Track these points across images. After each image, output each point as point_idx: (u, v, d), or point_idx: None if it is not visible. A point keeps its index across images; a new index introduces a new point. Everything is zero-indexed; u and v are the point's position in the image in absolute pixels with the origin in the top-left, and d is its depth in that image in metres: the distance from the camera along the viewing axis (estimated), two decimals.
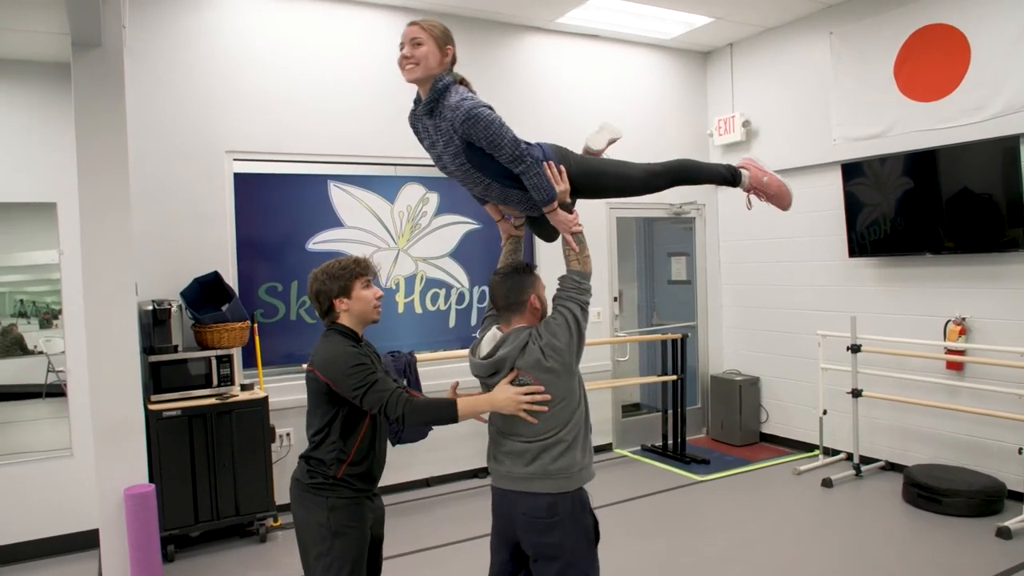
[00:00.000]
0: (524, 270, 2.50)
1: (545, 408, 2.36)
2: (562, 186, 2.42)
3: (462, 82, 2.43)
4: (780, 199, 2.88)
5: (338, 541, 2.50)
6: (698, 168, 2.88)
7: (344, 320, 2.59)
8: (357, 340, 2.57)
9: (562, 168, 2.44)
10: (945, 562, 4.00)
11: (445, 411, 2.44)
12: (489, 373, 2.44)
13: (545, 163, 2.40)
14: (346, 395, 2.42)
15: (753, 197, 2.95)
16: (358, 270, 2.60)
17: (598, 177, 2.59)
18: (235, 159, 4.94)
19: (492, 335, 2.47)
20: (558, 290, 2.47)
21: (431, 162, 2.59)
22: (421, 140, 2.52)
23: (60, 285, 4.51)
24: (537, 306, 2.47)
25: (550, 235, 2.68)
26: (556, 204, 2.42)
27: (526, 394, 2.36)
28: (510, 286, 2.46)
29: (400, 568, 4.15)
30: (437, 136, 2.39)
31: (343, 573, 2.49)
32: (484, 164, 2.37)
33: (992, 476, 4.83)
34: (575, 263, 2.46)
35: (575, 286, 2.42)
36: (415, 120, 2.51)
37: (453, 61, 2.43)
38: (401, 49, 2.37)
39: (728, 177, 2.83)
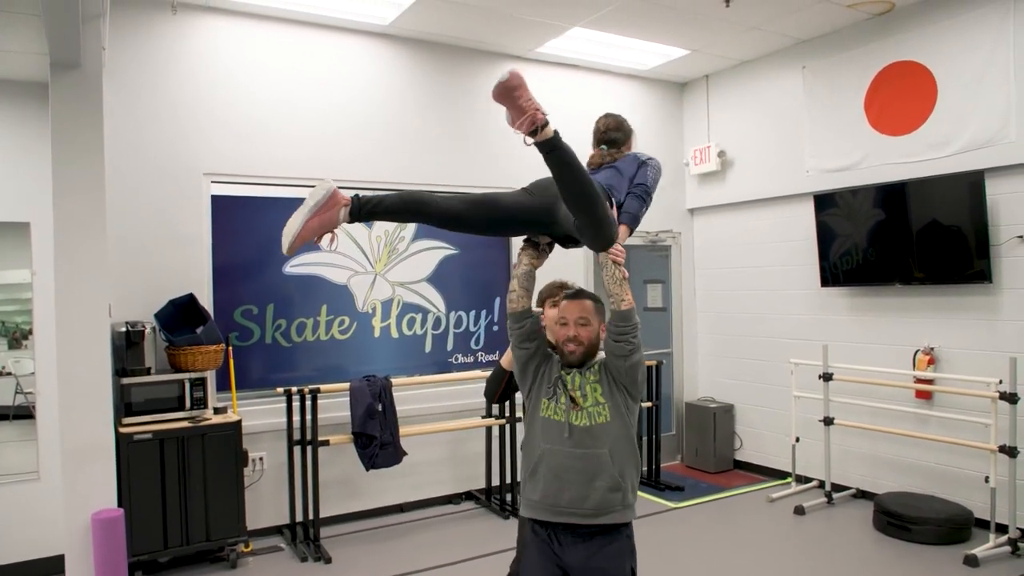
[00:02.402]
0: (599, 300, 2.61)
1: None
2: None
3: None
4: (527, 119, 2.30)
5: None
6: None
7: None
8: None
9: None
10: None
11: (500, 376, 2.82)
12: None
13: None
14: None
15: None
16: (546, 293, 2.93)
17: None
18: (213, 181, 4.93)
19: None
20: (611, 335, 2.49)
21: (409, 187, 2.62)
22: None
23: (31, 305, 4.45)
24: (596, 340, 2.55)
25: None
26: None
27: None
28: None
29: None
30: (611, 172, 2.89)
31: None
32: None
33: (960, 504, 4.89)
34: (616, 288, 2.55)
35: (625, 332, 2.50)
36: None
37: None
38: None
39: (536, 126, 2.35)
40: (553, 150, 2.22)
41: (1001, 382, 4.52)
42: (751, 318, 6.55)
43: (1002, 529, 4.54)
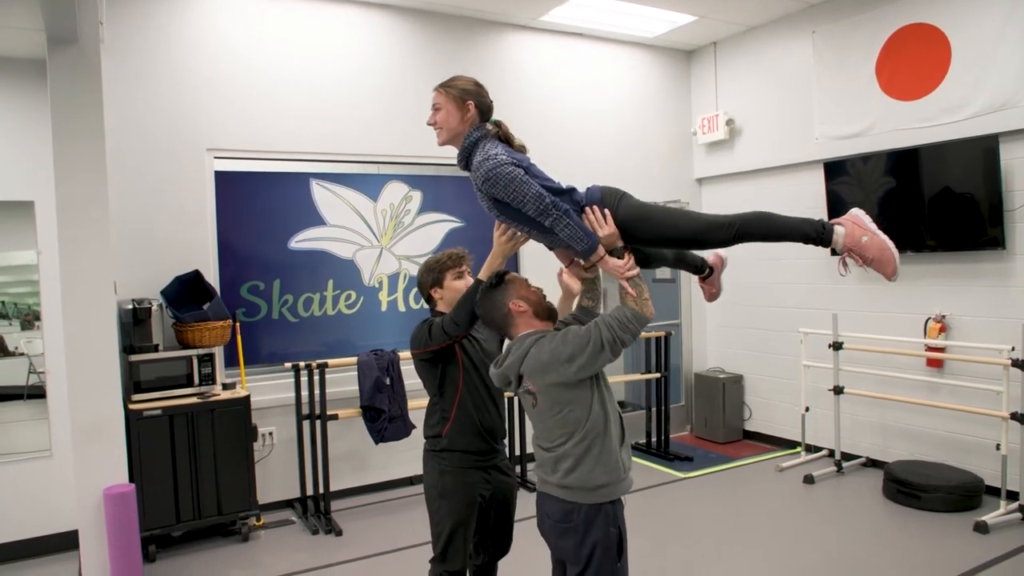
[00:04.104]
0: (492, 287, 2.43)
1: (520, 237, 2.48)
2: (606, 230, 2.29)
3: (499, 132, 2.38)
4: (882, 264, 2.29)
5: (442, 502, 2.84)
6: (774, 221, 2.36)
7: (441, 308, 2.88)
8: None
9: (606, 212, 2.31)
10: (924, 556, 4.04)
11: (473, 293, 2.56)
12: (504, 383, 2.42)
13: (586, 209, 2.30)
14: (429, 345, 2.71)
15: (850, 260, 2.38)
16: (450, 263, 2.88)
17: (641, 221, 2.33)
18: (216, 156, 4.90)
19: (508, 344, 2.44)
20: (605, 313, 2.31)
21: (414, 160, 2.60)
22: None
23: (40, 286, 4.45)
24: (524, 307, 2.39)
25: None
26: (602, 251, 2.28)
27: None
28: (486, 308, 2.43)
29: (383, 565, 4.14)
30: (476, 190, 2.37)
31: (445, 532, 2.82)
32: (516, 217, 2.32)
33: (971, 472, 4.87)
34: (632, 303, 2.28)
35: (619, 322, 2.22)
36: (461, 168, 2.50)
37: (485, 112, 2.39)
38: None
39: (812, 235, 2.31)
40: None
41: (1013, 349, 4.48)
42: (760, 288, 6.50)
43: (1013, 496, 4.52)
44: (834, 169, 5.64)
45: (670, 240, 2.40)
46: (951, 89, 4.96)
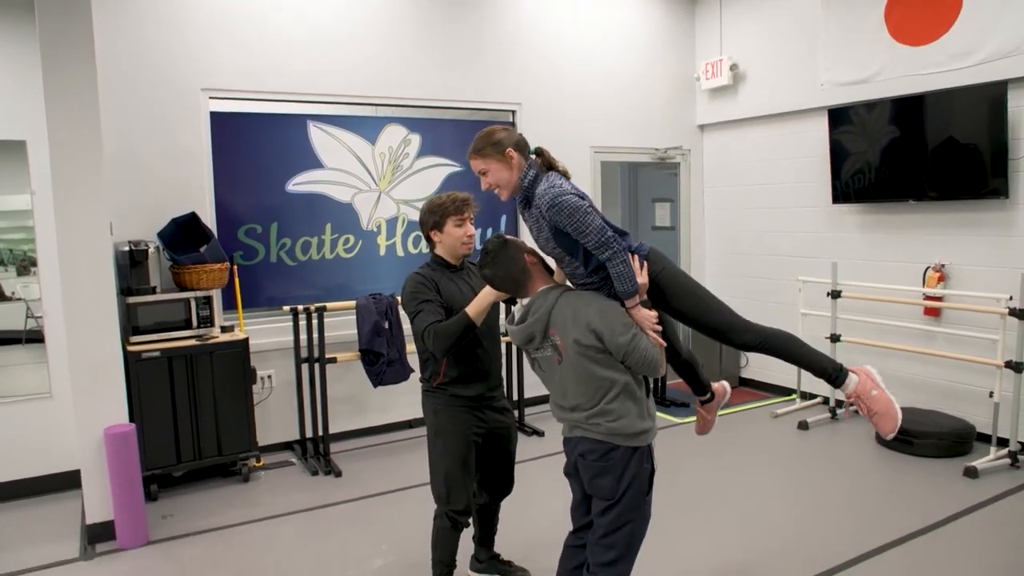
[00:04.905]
0: (500, 246, 2.41)
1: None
2: (642, 278, 2.31)
3: (549, 164, 2.41)
4: (884, 420, 2.43)
5: (438, 440, 2.91)
6: (799, 347, 2.49)
7: (439, 251, 2.92)
8: (449, 267, 2.91)
9: (645, 263, 2.35)
10: (914, 500, 4.11)
11: (459, 324, 2.66)
12: (526, 340, 2.40)
13: (630, 254, 2.32)
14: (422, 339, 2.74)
15: (853, 408, 2.53)
16: (452, 209, 2.86)
17: (680, 289, 2.40)
18: (211, 97, 4.81)
19: (528, 301, 2.42)
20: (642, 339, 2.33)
21: (413, 102, 2.56)
22: (529, 229, 2.48)
23: (35, 229, 4.41)
24: (535, 260, 2.43)
25: None
26: (638, 299, 2.32)
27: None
28: (502, 267, 2.40)
29: (383, 505, 4.21)
30: (532, 223, 2.42)
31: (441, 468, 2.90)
32: (569, 248, 2.34)
33: (963, 419, 4.93)
34: (659, 353, 2.34)
35: (647, 354, 2.28)
36: (519, 210, 2.52)
37: (522, 148, 2.40)
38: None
39: (830, 372, 2.46)
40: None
41: (1011, 298, 4.48)
42: (760, 236, 6.48)
43: (1003, 443, 4.59)
44: (838, 117, 5.55)
45: (698, 319, 2.42)
46: (961, 34, 4.86)
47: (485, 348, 2.89)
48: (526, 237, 2.57)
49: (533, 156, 2.41)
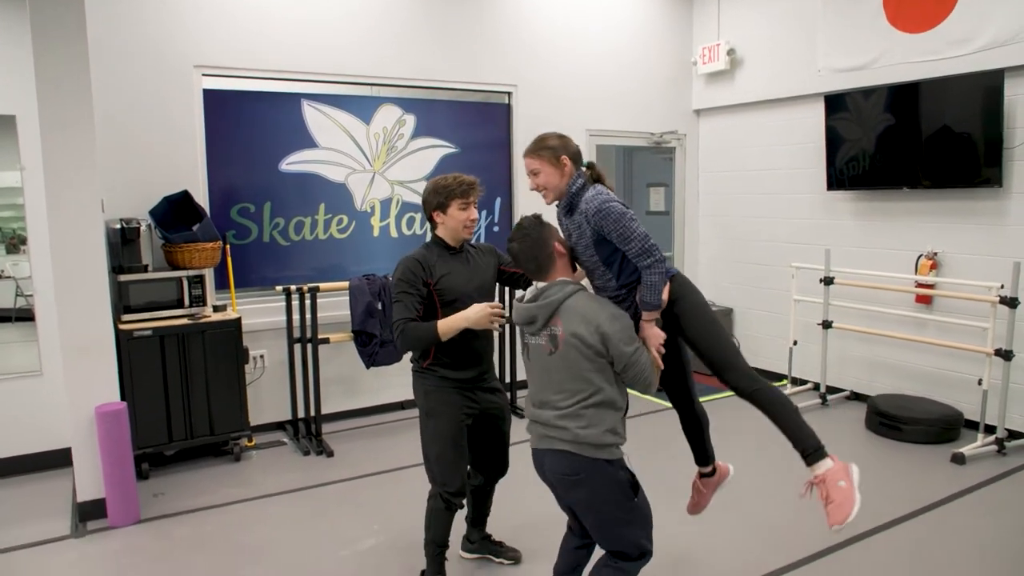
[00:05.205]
0: (535, 225, 2.46)
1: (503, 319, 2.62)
2: (664, 296, 2.40)
3: (597, 177, 2.52)
4: (837, 510, 2.39)
5: (429, 421, 2.92)
6: (790, 412, 2.57)
7: (441, 232, 2.90)
8: (448, 249, 2.89)
9: (668, 283, 2.44)
10: (902, 485, 4.15)
11: (427, 334, 2.72)
12: (527, 320, 2.41)
13: None
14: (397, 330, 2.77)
15: (814, 490, 2.55)
16: (458, 192, 2.83)
17: (698, 316, 2.51)
18: (204, 74, 4.76)
19: (542, 285, 2.45)
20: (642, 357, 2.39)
21: (408, 82, 2.56)
22: (567, 236, 2.59)
23: (25, 206, 4.36)
24: (563, 251, 2.46)
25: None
26: (656, 314, 2.41)
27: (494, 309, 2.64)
28: (529, 244, 2.43)
29: (375, 485, 4.22)
30: (573, 229, 2.51)
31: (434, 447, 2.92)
32: (607, 257, 2.45)
33: (951, 406, 4.97)
34: (656, 372, 2.43)
35: (643, 370, 2.35)
36: (559, 217, 2.63)
37: (577, 159, 2.51)
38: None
39: (809, 448, 2.51)
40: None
41: (1003, 286, 4.51)
42: (754, 222, 6.49)
43: (991, 430, 4.63)
44: (835, 104, 5.54)
45: (706, 350, 2.52)
46: (958, 21, 4.84)
47: (477, 332, 2.89)
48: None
49: (584, 168, 2.51)
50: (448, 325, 2.71)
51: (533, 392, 2.46)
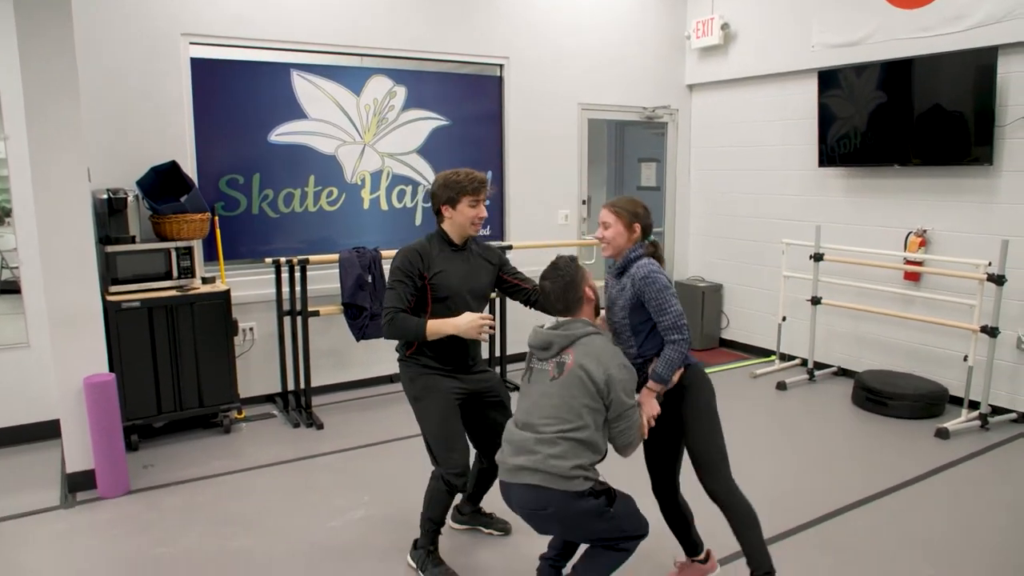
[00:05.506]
0: (570, 266, 2.56)
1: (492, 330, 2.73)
2: (675, 377, 2.53)
3: (655, 254, 2.64)
4: None
5: (418, 405, 2.93)
6: (752, 528, 2.59)
7: (446, 226, 2.90)
8: (450, 245, 2.90)
9: (683, 368, 2.57)
10: (887, 459, 4.20)
11: (415, 329, 2.75)
12: (544, 345, 2.48)
13: None
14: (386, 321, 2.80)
15: None
16: (470, 188, 2.83)
17: (693, 401, 2.60)
18: (191, 43, 4.68)
19: (562, 320, 2.55)
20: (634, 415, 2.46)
21: (399, 53, 2.52)
22: (607, 295, 2.76)
23: (9, 184, 4.29)
24: (592, 297, 2.57)
25: None
26: (661, 390, 2.53)
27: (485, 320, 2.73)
28: (565, 284, 2.53)
29: (364, 457, 4.24)
30: (617, 291, 2.65)
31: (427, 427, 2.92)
32: (639, 323, 2.58)
33: (937, 382, 5.02)
34: (640, 437, 2.49)
35: (630, 428, 2.42)
36: (607, 277, 2.80)
37: (646, 232, 2.66)
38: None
39: (759, 565, 2.56)
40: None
41: (990, 264, 4.54)
42: (745, 198, 6.48)
43: (974, 406, 4.68)
44: (828, 80, 5.52)
45: (695, 442, 2.61)
46: None
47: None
48: (516, 207, 2.59)
49: (647, 242, 2.66)
50: (436, 328, 2.74)
51: (520, 415, 2.50)
